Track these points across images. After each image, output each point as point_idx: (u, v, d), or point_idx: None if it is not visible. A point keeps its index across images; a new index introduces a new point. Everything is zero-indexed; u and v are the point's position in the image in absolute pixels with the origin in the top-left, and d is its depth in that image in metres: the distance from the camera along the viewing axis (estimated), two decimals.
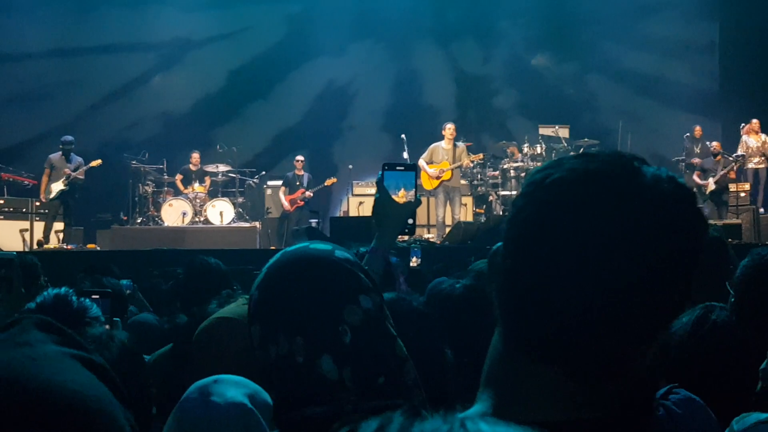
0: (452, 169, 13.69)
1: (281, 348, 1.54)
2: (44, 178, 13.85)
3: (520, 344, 1.01)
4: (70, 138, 14.09)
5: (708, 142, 15.40)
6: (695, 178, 14.66)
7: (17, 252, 11.07)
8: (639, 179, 0.97)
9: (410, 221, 2.46)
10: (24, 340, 0.97)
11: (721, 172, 14.36)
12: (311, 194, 15.48)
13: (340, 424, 0.72)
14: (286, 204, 15.43)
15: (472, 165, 14.81)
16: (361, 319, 1.55)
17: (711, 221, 12.29)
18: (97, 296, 2.23)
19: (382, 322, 1.59)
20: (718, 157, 14.60)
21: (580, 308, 0.94)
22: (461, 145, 13.99)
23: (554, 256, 0.95)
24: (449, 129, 13.80)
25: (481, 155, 14.57)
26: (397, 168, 2.54)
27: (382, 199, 2.44)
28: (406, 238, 8.23)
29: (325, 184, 15.52)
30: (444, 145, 13.78)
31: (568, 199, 0.96)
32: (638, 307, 0.94)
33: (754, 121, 14.90)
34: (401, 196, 2.48)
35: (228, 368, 2.13)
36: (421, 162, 13.44)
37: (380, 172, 2.50)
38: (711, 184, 14.38)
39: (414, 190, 2.52)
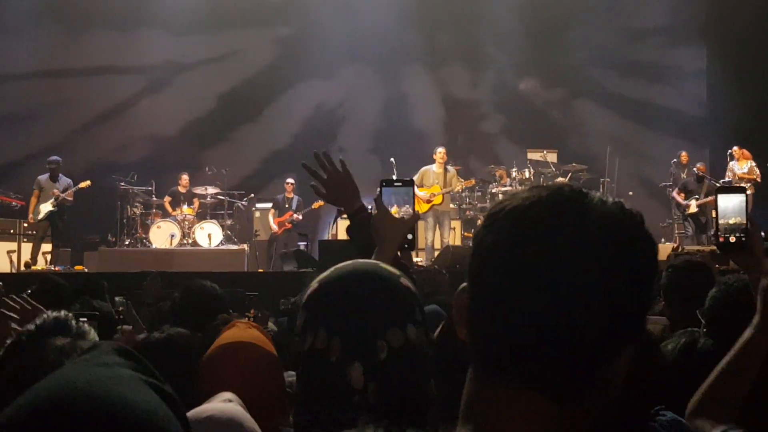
0: (443, 194, 13.74)
1: (318, 342, 1.56)
2: (33, 200, 13.83)
3: (493, 368, 1.03)
4: (56, 158, 14.10)
5: (675, 161, 15.48)
6: (675, 195, 14.75)
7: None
8: (587, 201, 1.03)
9: (409, 236, 2.49)
10: (103, 361, 1.03)
11: (705, 199, 14.44)
12: (300, 217, 15.49)
13: None
14: (274, 226, 15.43)
15: (462, 190, 14.88)
16: (402, 345, 1.56)
17: (698, 248, 12.35)
18: (85, 319, 2.23)
19: (421, 357, 1.59)
20: (704, 182, 14.69)
21: (541, 325, 0.98)
22: (452, 169, 14.05)
23: (514, 278, 1.00)
24: (440, 153, 13.87)
25: (472, 181, 14.64)
26: (395, 184, 2.58)
27: (381, 214, 2.46)
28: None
29: (313, 207, 15.52)
30: (435, 169, 13.84)
31: (523, 224, 1.02)
32: (595, 321, 0.98)
33: (735, 148, 15.02)
34: (399, 212, 2.51)
35: (239, 392, 2.15)
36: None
37: (378, 189, 2.54)
38: (693, 207, 14.47)
39: (412, 205, 2.55)
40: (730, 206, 2.46)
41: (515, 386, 1.01)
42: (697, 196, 14.56)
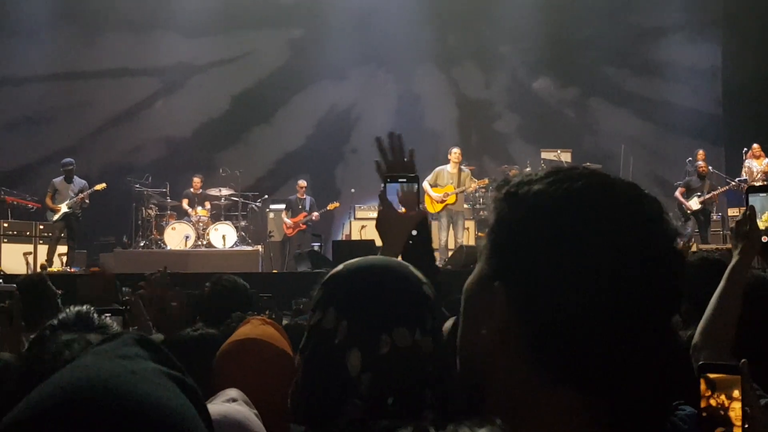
0: (457, 194, 13.71)
1: (326, 321, 1.56)
2: (47, 201, 13.86)
3: (523, 362, 1.02)
4: (69, 159, 14.16)
5: (690, 160, 15.36)
6: (678, 195, 14.69)
7: (26, 274, 11.04)
8: (613, 184, 1.04)
9: (414, 232, 2.45)
10: (125, 353, 0.98)
11: (707, 195, 14.39)
12: (318, 216, 15.49)
13: None
14: (289, 222, 15.43)
15: (476, 190, 14.85)
16: (407, 346, 1.54)
17: (715, 246, 12.30)
18: (109, 314, 2.23)
19: (423, 364, 1.57)
20: (706, 179, 14.64)
21: (569, 315, 0.98)
22: (466, 170, 14.03)
23: (546, 263, 1.00)
24: (455, 153, 13.85)
25: (486, 180, 14.60)
26: (400, 180, 2.54)
27: (386, 211, 2.44)
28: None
29: (328, 208, 15.54)
30: (449, 169, 13.82)
31: (552, 209, 1.02)
32: (626, 310, 0.98)
33: (755, 145, 14.92)
34: (405, 209, 2.48)
35: (250, 389, 2.15)
36: (426, 185, 13.42)
37: (383, 184, 2.50)
38: (695, 204, 14.41)
39: (419, 201, 2.52)
40: (761, 206, 2.44)
41: (546, 379, 1.01)
42: (699, 194, 14.49)
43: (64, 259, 13.94)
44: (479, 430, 0.70)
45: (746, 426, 1.54)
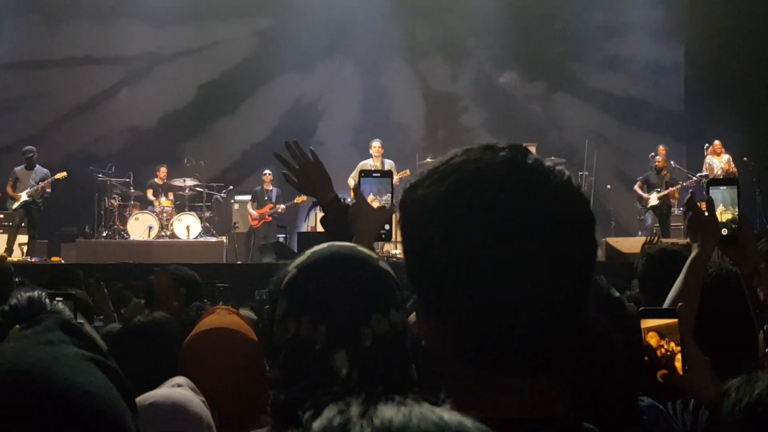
0: None
1: (302, 330, 1.54)
2: (8, 189, 13.71)
3: (469, 353, 1.03)
4: (29, 147, 14.07)
5: (653, 155, 15.52)
6: (637, 188, 14.89)
7: None
8: (487, 167, 1.10)
9: (386, 227, 2.49)
10: (48, 339, 1.00)
11: (665, 191, 14.56)
12: (284, 209, 15.43)
13: (307, 408, 0.74)
14: (254, 213, 15.37)
15: (398, 183, 14.80)
16: (386, 330, 1.55)
17: (674, 240, 12.44)
18: (61, 299, 2.21)
19: (403, 341, 1.59)
20: (664, 172, 14.80)
21: (471, 313, 0.99)
22: (388, 162, 13.83)
23: (433, 270, 1.02)
24: (375, 147, 13.81)
25: (407, 171, 14.47)
26: (373, 175, 2.60)
27: (359, 204, 2.47)
28: None
29: (295, 201, 15.49)
30: (372, 162, 13.71)
31: (427, 216, 1.04)
32: (522, 294, 0.99)
33: (716, 142, 15.11)
34: (376, 202, 2.52)
35: (222, 378, 2.14)
36: (350, 180, 13.39)
37: (357, 179, 2.56)
38: (654, 199, 14.59)
39: (390, 195, 2.57)
40: (721, 199, 2.46)
41: (481, 368, 1.01)
42: (658, 189, 14.67)
43: (25, 248, 13.79)
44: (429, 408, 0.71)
45: (686, 368, 1.60)
